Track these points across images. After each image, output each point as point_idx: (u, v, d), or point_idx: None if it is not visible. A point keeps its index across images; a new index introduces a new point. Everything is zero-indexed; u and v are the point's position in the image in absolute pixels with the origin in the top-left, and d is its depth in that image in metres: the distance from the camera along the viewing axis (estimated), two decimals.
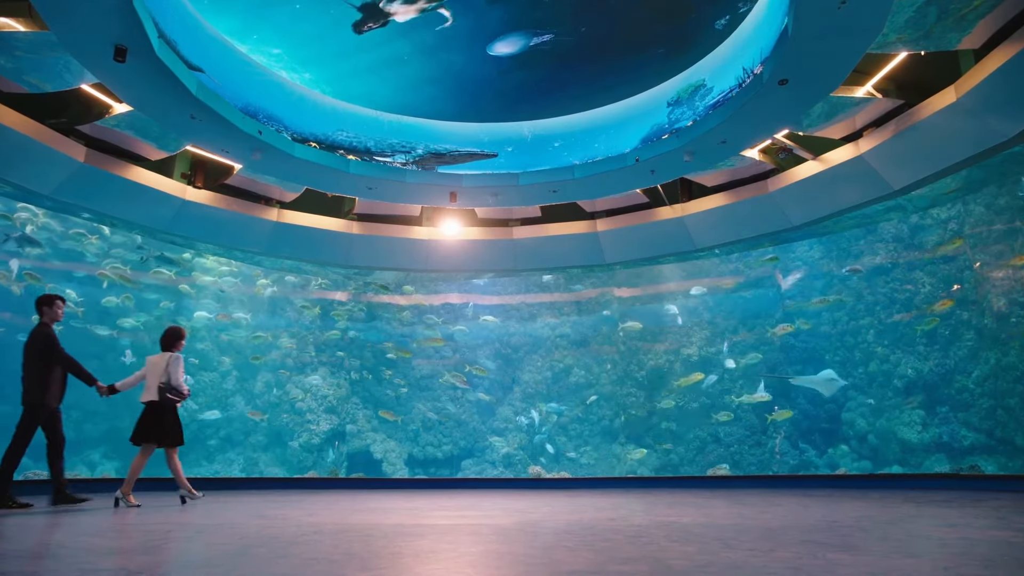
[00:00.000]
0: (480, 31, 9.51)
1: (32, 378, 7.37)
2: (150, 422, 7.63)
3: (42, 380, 7.37)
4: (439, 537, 4.60)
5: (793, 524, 5.15)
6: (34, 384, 7.35)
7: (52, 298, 7.75)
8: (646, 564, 3.32)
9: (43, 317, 7.67)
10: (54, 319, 7.73)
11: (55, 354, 7.47)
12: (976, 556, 3.49)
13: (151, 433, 7.61)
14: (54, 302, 7.73)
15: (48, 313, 7.68)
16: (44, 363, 7.41)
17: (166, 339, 8.03)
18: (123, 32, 7.31)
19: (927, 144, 9.12)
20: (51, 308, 7.70)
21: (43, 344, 7.46)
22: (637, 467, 14.07)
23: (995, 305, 10.29)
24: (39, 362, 7.40)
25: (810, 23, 7.14)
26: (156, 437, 7.64)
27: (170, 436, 7.70)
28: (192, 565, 3.46)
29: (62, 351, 7.51)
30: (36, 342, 7.47)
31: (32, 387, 7.34)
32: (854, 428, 11.86)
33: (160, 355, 7.88)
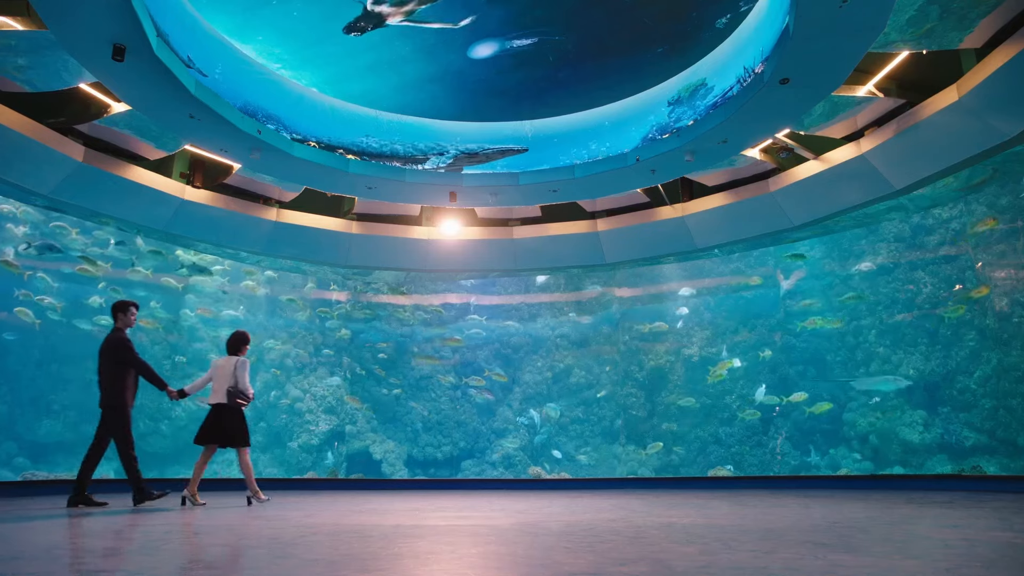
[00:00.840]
0: (480, 30, 9.48)
1: (109, 382, 7.61)
2: (215, 424, 7.80)
3: (119, 384, 7.62)
4: (439, 538, 4.59)
5: (794, 525, 5.13)
6: (112, 388, 7.59)
7: (127, 304, 7.99)
8: (646, 565, 3.29)
9: (117, 322, 7.91)
10: (127, 325, 7.94)
11: (130, 358, 7.68)
12: (978, 557, 3.47)
13: (215, 434, 7.78)
14: (128, 308, 7.96)
15: (122, 319, 7.91)
16: (120, 367, 7.65)
17: (233, 343, 8.23)
18: (121, 31, 7.28)
19: (929, 143, 9.11)
20: (125, 314, 7.93)
21: (119, 349, 7.69)
22: (638, 468, 14.03)
23: (997, 305, 10.26)
24: (116, 366, 7.64)
25: (811, 22, 7.10)
26: (221, 439, 7.81)
27: (237, 438, 7.87)
28: (191, 566, 3.43)
29: (136, 356, 7.76)
30: (112, 347, 7.70)
31: (110, 391, 7.58)
32: (855, 429, 11.83)
33: (226, 359, 8.06)
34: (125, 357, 7.68)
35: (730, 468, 13.07)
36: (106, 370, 7.66)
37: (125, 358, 7.67)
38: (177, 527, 5.36)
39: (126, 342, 7.76)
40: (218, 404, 7.87)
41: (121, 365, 7.66)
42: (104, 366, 7.68)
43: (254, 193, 12.39)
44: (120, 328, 7.87)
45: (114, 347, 7.70)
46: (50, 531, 5.00)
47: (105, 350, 7.73)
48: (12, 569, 3.24)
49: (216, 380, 7.96)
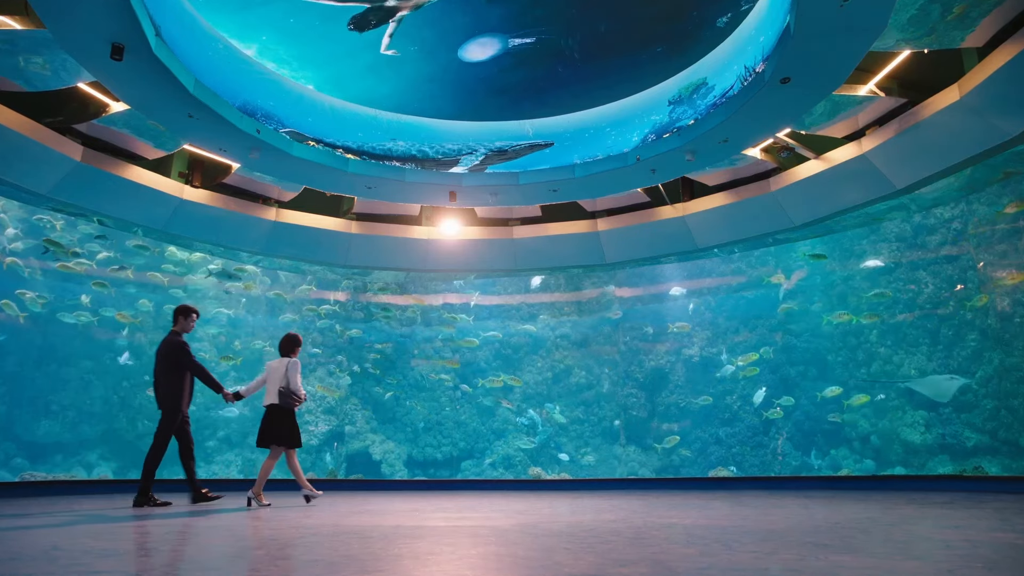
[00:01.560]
0: (480, 29, 9.46)
1: (167, 385, 7.74)
2: (271, 425, 7.87)
3: (177, 387, 7.76)
4: (439, 539, 4.56)
5: (795, 526, 5.11)
6: (170, 391, 7.72)
7: (189, 310, 8.14)
8: (647, 566, 3.28)
9: (175, 325, 8.04)
10: (185, 329, 8.07)
11: (186, 361, 7.81)
12: (979, 558, 3.46)
13: (273, 435, 7.85)
14: (190, 314, 8.11)
15: (182, 323, 8.06)
16: (178, 370, 7.79)
17: (285, 345, 8.26)
18: (120, 30, 7.26)
19: (930, 143, 9.08)
20: (186, 319, 8.08)
21: (177, 353, 7.82)
22: (638, 468, 14.01)
23: (999, 305, 10.24)
24: (174, 370, 7.78)
25: (812, 21, 7.09)
26: (271, 439, 7.89)
27: (287, 438, 7.93)
28: (189, 567, 3.42)
29: (193, 359, 7.89)
30: (170, 350, 7.82)
31: (168, 393, 7.71)
32: (857, 429, 11.81)
33: (279, 360, 8.11)
34: (181, 360, 7.80)
35: (733, 469, 13.04)
36: (163, 373, 7.80)
37: (181, 361, 7.80)
38: (177, 528, 5.33)
39: (183, 345, 7.87)
40: (271, 405, 7.94)
41: (178, 368, 7.78)
42: (161, 368, 7.83)
43: (253, 193, 12.37)
44: (178, 332, 8.00)
45: (171, 350, 7.83)
46: (49, 532, 4.97)
47: (162, 353, 7.86)
48: (11, 570, 3.22)
49: (269, 382, 8.02)
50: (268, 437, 7.89)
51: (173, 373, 7.77)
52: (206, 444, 13.69)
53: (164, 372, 7.80)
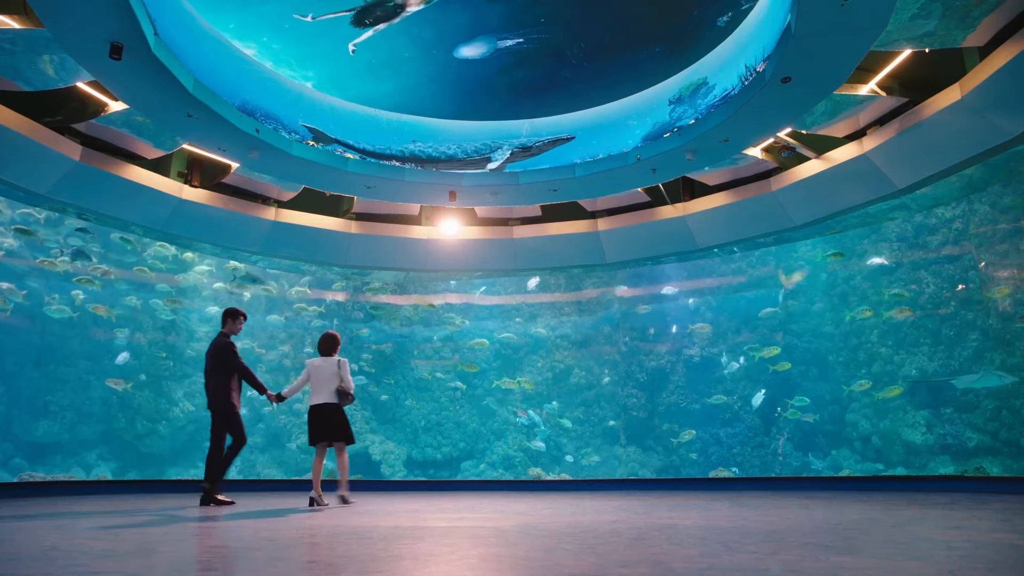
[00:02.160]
0: (480, 28, 9.44)
1: (215, 385, 7.94)
2: (324, 422, 7.84)
3: (226, 387, 7.95)
4: (438, 539, 4.55)
5: (796, 526, 5.09)
6: (219, 391, 7.92)
7: (237, 313, 8.34)
8: (647, 567, 3.26)
9: (224, 327, 8.25)
10: (233, 331, 8.27)
11: (233, 363, 7.99)
12: (981, 559, 3.45)
13: (326, 432, 7.84)
14: (238, 317, 8.33)
15: (230, 325, 8.27)
16: (226, 371, 7.98)
17: (329, 344, 8.21)
18: (119, 29, 7.25)
19: (932, 142, 9.06)
20: (234, 321, 8.29)
21: (224, 354, 8.00)
22: (639, 469, 13.99)
23: (1000, 305, 10.22)
24: (222, 370, 7.97)
25: (813, 20, 7.07)
26: (332, 436, 7.87)
27: (347, 434, 7.93)
28: (188, 568, 3.40)
29: (240, 360, 8.07)
30: (218, 351, 8.01)
31: (218, 394, 7.92)
32: (858, 430, 11.78)
33: (323, 359, 8.05)
34: (229, 361, 7.96)
35: (735, 470, 13.02)
36: (212, 374, 7.98)
37: (229, 362, 7.96)
38: (179, 529, 5.31)
39: (231, 346, 8.04)
40: (323, 404, 7.88)
41: (226, 368, 7.96)
42: (210, 369, 8.01)
43: (252, 192, 12.34)
44: (226, 333, 8.18)
45: (219, 351, 7.99)
46: (48, 533, 4.95)
47: (211, 354, 8.04)
48: (10, 570, 3.22)
49: (317, 381, 7.94)
50: (323, 434, 7.85)
51: (221, 374, 7.95)
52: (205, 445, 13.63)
53: (212, 372, 7.99)
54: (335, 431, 7.84)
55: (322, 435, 7.82)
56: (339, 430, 7.85)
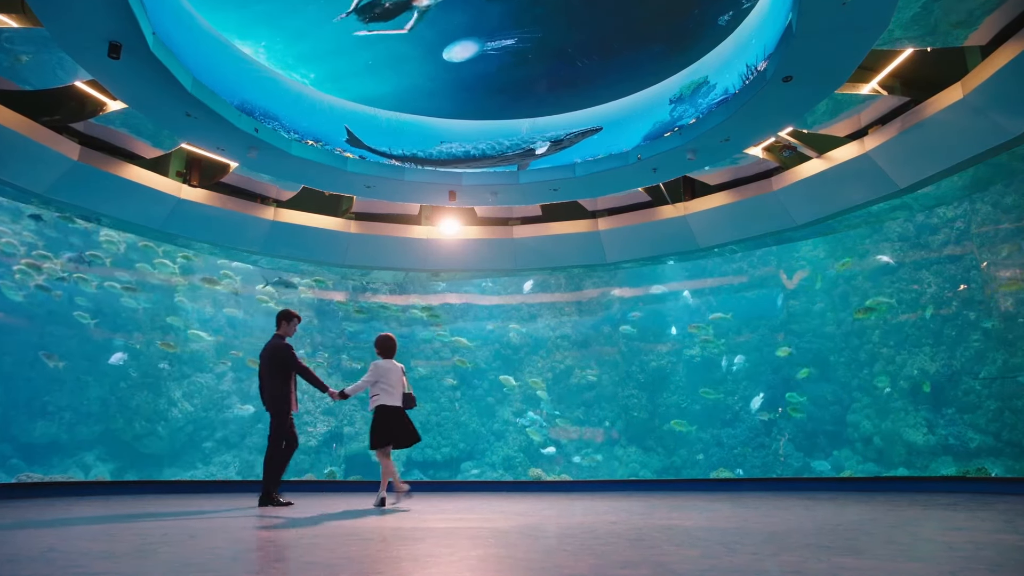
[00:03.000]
0: (480, 27, 9.42)
1: (272, 387, 7.95)
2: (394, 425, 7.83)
3: (282, 389, 7.95)
4: (438, 541, 4.52)
5: (797, 527, 5.07)
6: (275, 392, 7.93)
7: (291, 314, 8.34)
8: (648, 568, 3.24)
9: (279, 329, 8.26)
10: (288, 333, 8.27)
11: (291, 363, 7.98)
12: (983, 560, 3.43)
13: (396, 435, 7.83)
14: (292, 318, 8.32)
15: (285, 327, 8.26)
16: (282, 373, 7.96)
17: (393, 346, 8.21)
18: (117, 28, 7.23)
19: (933, 142, 9.03)
20: (288, 323, 8.29)
21: (281, 356, 7.98)
22: (639, 470, 13.97)
23: (1002, 305, 10.19)
24: (279, 372, 7.96)
25: (814, 19, 7.04)
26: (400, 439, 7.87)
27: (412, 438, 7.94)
28: (186, 570, 3.36)
29: (297, 360, 8.05)
30: (274, 353, 8.01)
31: (273, 395, 7.93)
32: (859, 430, 11.75)
33: (390, 362, 8.06)
34: (287, 363, 7.96)
35: (740, 471, 12.98)
36: (269, 377, 7.97)
37: (287, 363, 7.95)
38: (179, 530, 5.28)
39: (288, 348, 8.04)
40: (394, 407, 7.89)
41: (282, 370, 7.94)
42: (265, 371, 8.01)
43: (251, 192, 12.32)
44: (281, 335, 8.18)
45: (275, 353, 8.00)
46: (46, 534, 4.93)
47: (267, 356, 8.03)
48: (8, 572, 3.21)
49: (386, 383, 7.92)
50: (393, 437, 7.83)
51: (278, 376, 7.94)
52: (204, 445, 13.65)
53: (269, 375, 7.97)
54: (405, 435, 7.86)
55: (392, 438, 7.81)
56: (409, 434, 7.90)
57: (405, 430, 7.86)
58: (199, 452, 13.50)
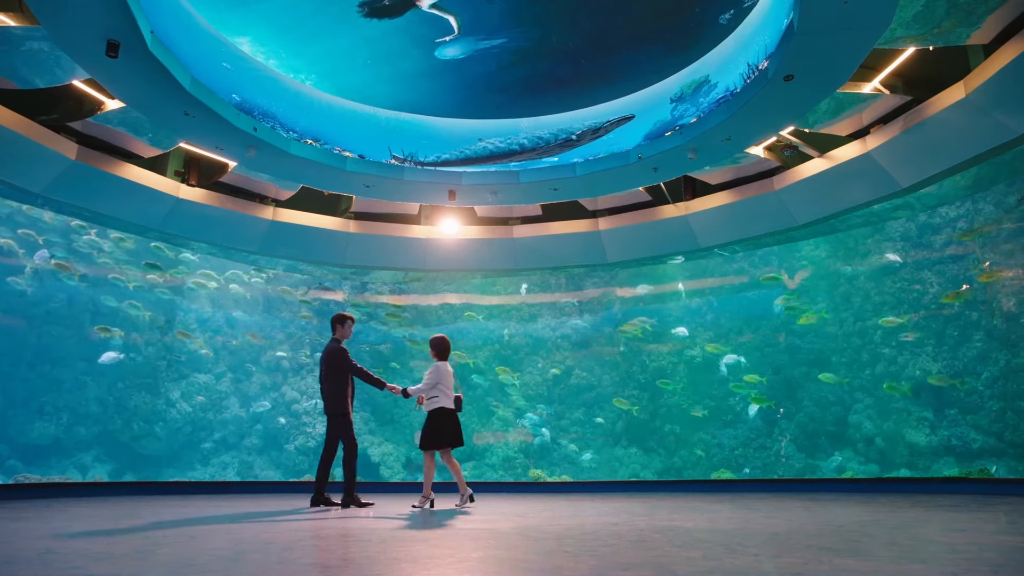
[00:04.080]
0: (480, 25, 9.39)
1: (330, 390, 8.10)
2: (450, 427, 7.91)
3: (340, 392, 8.10)
4: (438, 542, 4.51)
5: (799, 529, 5.06)
6: (334, 395, 8.07)
7: (345, 317, 8.46)
8: (649, 570, 3.23)
9: (335, 333, 8.38)
10: (344, 336, 8.39)
11: (347, 365, 8.12)
12: (985, 562, 3.42)
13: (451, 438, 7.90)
14: (346, 321, 8.44)
15: (340, 330, 8.39)
16: (339, 374, 8.12)
17: (448, 349, 8.29)
18: (115, 27, 7.21)
19: (936, 141, 9.00)
20: (343, 326, 8.41)
21: (338, 359, 8.13)
22: (640, 471, 13.93)
23: (1005, 305, 10.15)
24: (336, 374, 8.11)
25: (816, 18, 7.02)
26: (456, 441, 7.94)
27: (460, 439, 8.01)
28: (185, 571, 3.35)
29: (354, 362, 8.20)
30: (331, 357, 8.14)
31: (332, 398, 8.08)
32: (861, 431, 11.71)
33: (446, 364, 8.15)
34: (343, 365, 8.09)
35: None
36: (326, 378, 8.12)
37: (342, 365, 8.09)
38: (179, 531, 5.26)
39: (344, 352, 8.16)
40: (452, 409, 7.98)
41: (340, 373, 8.09)
42: (323, 374, 8.16)
43: (250, 191, 12.28)
44: (338, 339, 8.30)
45: (331, 356, 8.13)
46: (44, 535, 4.92)
47: (325, 360, 8.18)
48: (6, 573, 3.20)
49: (444, 384, 8.01)
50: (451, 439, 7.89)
51: (335, 378, 8.08)
52: (202, 446, 13.61)
53: (326, 378, 8.11)
54: (456, 437, 7.92)
55: (446, 440, 7.86)
56: (459, 436, 7.97)
57: (457, 432, 7.94)
58: (198, 453, 13.46)
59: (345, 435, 8.05)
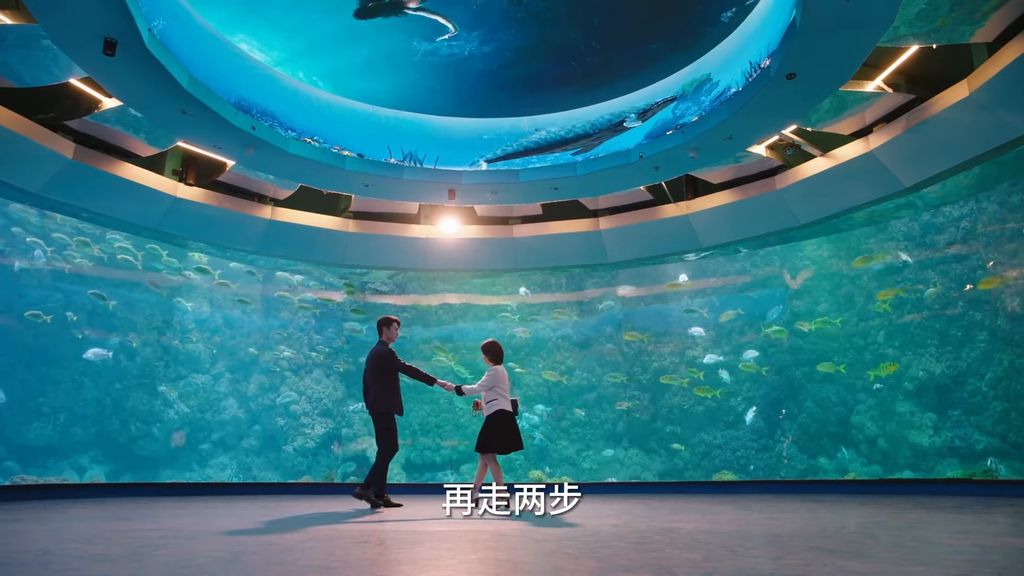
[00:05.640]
0: (480, 24, 9.36)
1: (377, 393, 8.12)
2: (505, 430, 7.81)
3: (386, 394, 8.12)
4: (437, 543, 4.51)
5: (801, 530, 5.06)
6: (380, 398, 8.10)
7: (391, 320, 8.49)
8: (651, 572, 3.23)
9: (381, 335, 8.41)
10: (391, 339, 8.43)
11: (396, 365, 8.20)
12: (989, 564, 3.42)
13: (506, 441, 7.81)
14: (392, 324, 8.47)
15: (386, 333, 8.42)
16: (386, 375, 8.16)
17: (502, 352, 8.24)
18: (112, 24, 7.18)
19: (939, 140, 8.96)
20: (389, 329, 8.43)
21: (384, 361, 8.19)
22: (641, 472, 13.89)
23: (1009, 305, 10.10)
24: (383, 375, 8.16)
25: (819, 15, 6.98)
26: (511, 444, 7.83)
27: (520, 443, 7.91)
28: (183, 572, 3.35)
29: (402, 362, 8.27)
30: (378, 360, 8.21)
31: (378, 400, 8.10)
32: (864, 432, 11.66)
33: (502, 368, 8.09)
34: (391, 367, 8.16)
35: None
36: (372, 380, 8.16)
37: (391, 367, 8.16)
38: (176, 533, 5.25)
39: (391, 354, 8.23)
40: (508, 412, 7.88)
41: (386, 374, 8.14)
42: (370, 376, 8.21)
43: (248, 191, 12.24)
44: (384, 342, 8.34)
45: (379, 359, 8.19)
46: (41, 537, 4.93)
47: (371, 363, 8.23)
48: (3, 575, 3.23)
49: (502, 387, 7.94)
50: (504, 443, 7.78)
51: (381, 380, 8.13)
52: (200, 447, 13.56)
53: (373, 379, 8.16)
54: (516, 441, 7.83)
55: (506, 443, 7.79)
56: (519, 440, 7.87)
57: (516, 436, 7.87)
58: (195, 454, 13.41)
59: (388, 434, 8.07)
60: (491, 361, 8.08)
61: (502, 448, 7.74)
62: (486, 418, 7.85)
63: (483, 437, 7.75)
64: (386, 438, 8.05)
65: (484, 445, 7.72)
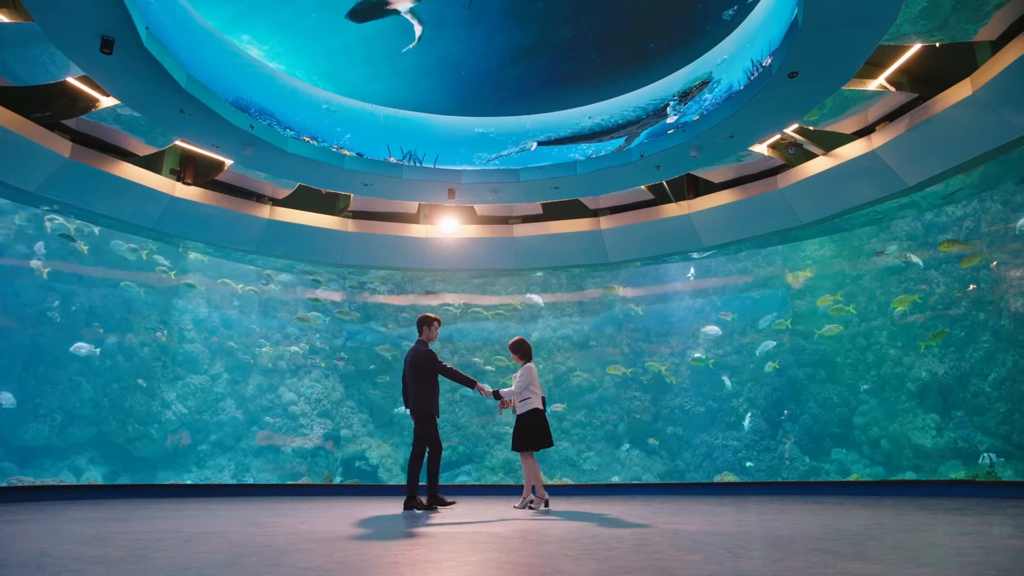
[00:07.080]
0: (480, 22, 9.32)
1: (416, 393, 8.08)
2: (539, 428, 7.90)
3: (426, 394, 8.07)
4: (437, 545, 4.49)
5: (802, 532, 5.03)
6: (419, 398, 8.06)
7: (431, 319, 8.45)
8: (651, 573, 3.22)
9: (421, 335, 8.39)
10: (430, 338, 8.38)
11: (435, 367, 8.13)
12: (992, 566, 3.39)
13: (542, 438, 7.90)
14: (432, 323, 8.43)
15: (426, 332, 8.39)
16: (425, 377, 8.10)
17: (530, 350, 8.31)
18: (110, 23, 7.15)
19: (942, 139, 8.93)
20: (429, 328, 8.40)
21: (425, 361, 8.12)
22: (642, 473, 13.85)
23: (1012, 306, 10.05)
24: (422, 376, 8.10)
25: (821, 14, 6.95)
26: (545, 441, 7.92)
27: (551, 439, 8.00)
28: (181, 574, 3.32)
29: (442, 363, 8.19)
30: (418, 359, 8.13)
31: (418, 401, 8.06)
32: (866, 433, 11.62)
33: (533, 365, 8.18)
34: (431, 367, 8.09)
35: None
36: (412, 380, 8.12)
37: (431, 368, 8.09)
38: (175, 534, 5.22)
39: (430, 354, 8.16)
40: (540, 410, 7.98)
41: (426, 375, 8.08)
42: (409, 377, 8.17)
43: (247, 190, 12.22)
44: (424, 341, 8.30)
45: (418, 359, 8.12)
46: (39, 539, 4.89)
47: (410, 363, 8.18)
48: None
49: (534, 385, 8.03)
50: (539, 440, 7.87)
51: (421, 380, 8.07)
52: (199, 448, 13.52)
53: (412, 380, 8.10)
54: (548, 437, 7.91)
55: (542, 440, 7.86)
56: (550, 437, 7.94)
57: (548, 434, 7.93)
58: (194, 455, 13.36)
59: (431, 437, 7.98)
60: (520, 359, 8.18)
61: (537, 444, 7.82)
62: (519, 416, 7.96)
63: (518, 436, 7.89)
64: (432, 440, 7.99)
65: (521, 443, 7.86)
